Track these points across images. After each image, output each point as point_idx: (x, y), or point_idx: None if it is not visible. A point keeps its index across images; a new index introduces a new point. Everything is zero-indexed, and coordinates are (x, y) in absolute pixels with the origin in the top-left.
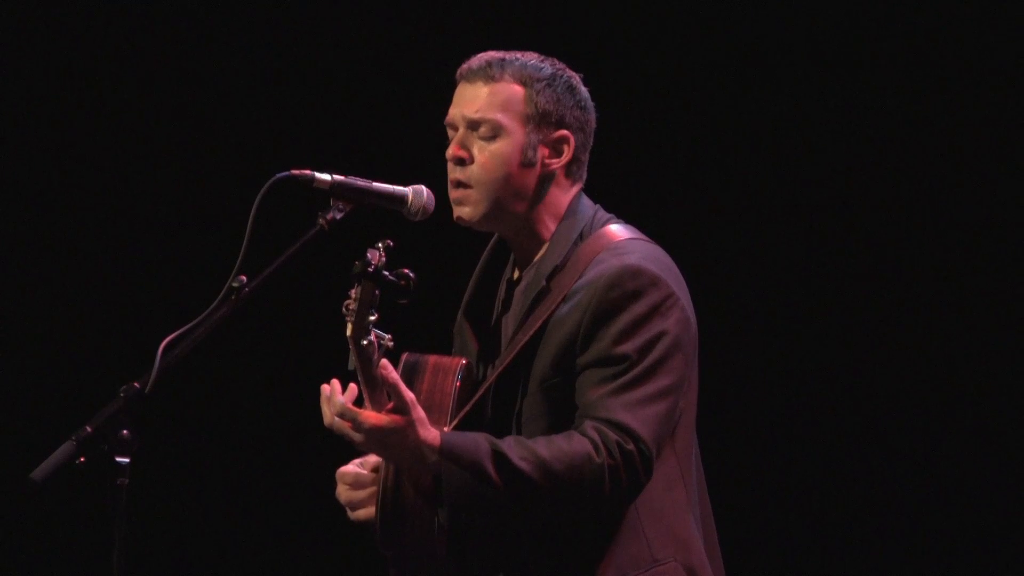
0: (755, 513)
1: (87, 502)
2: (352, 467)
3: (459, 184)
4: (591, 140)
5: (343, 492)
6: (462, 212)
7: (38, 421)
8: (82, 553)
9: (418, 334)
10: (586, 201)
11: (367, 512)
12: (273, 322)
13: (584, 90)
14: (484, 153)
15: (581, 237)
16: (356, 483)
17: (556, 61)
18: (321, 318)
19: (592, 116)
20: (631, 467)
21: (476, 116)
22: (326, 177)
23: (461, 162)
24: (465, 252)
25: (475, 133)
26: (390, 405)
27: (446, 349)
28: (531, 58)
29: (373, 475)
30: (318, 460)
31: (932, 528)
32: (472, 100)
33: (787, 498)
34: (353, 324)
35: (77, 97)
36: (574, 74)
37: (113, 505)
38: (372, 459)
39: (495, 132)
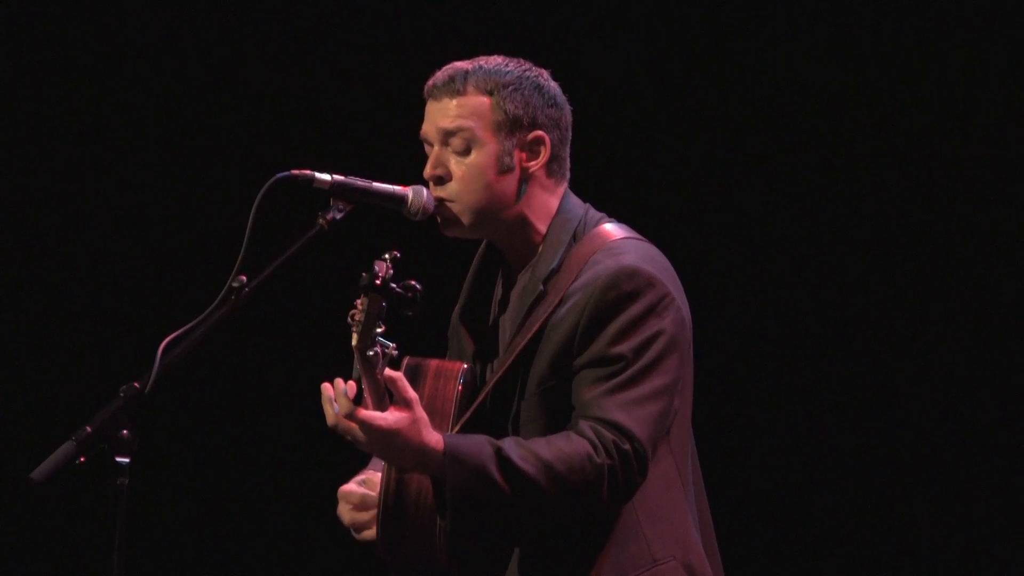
0: (752, 511)
1: (87, 502)
2: (357, 487)
3: (441, 201)
4: (569, 134)
5: (346, 513)
6: (448, 227)
7: (38, 421)
8: (82, 553)
9: (416, 336)
10: (574, 200)
11: (372, 533)
12: (273, 322)
13: (553, 86)
14: (460, 167)
15: (575, 238)
16: (361, 504)
17: (522, 61)
18: (321, 318)
19: (566, 111)
20: (627, 467)
21: (447, 129)
22: (326, 177)
23: (440, 180)
24: (461, 253)
25: (448, 148)
26: (393, 406)
27: (444, 351)
28: (494, 63)
29: (376, 498)
30: (318, 460)
31: (931, 528)
32: (441, 116)
33: (784, 496)
34: (359, 335)
35: (77, 98)
36: (541, 71)
37: (113, 505)
38: (375, 479)
39: (468, 145)
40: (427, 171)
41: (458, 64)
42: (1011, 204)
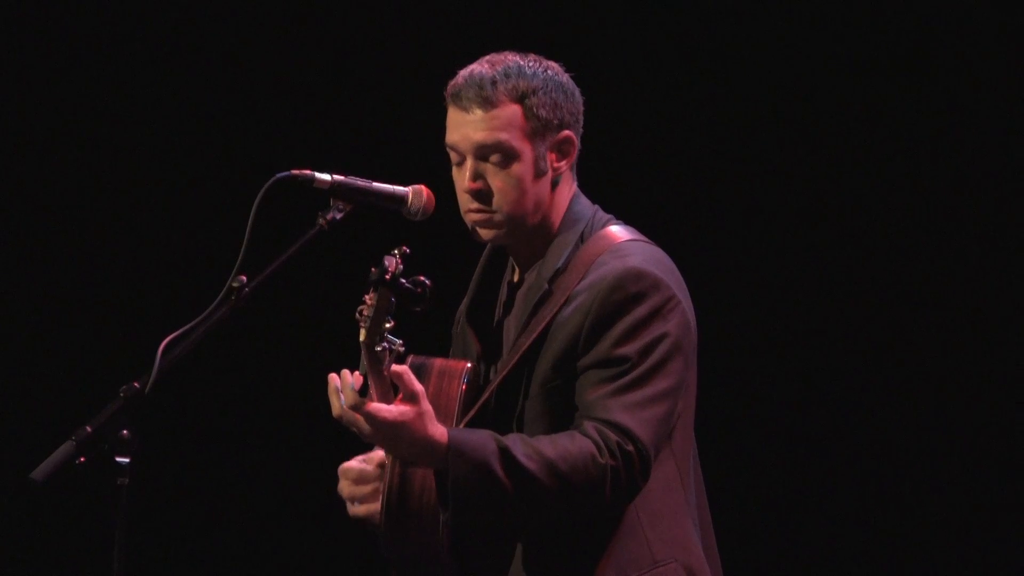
0: (753, 514)
1: (87, 502)
2: (356, 463)
3: (480, 211)
4: (582, 123)
5: (346, 487)
6: (485, 234)
7: (38, 421)
8: (82, 553)
9: (419, 335)
10: (584, 200)
11: (368, 508)
12: (273, 322)
13: (567, 78)
14: (498, 179)
15: (582, 239)
16: (360, 478)
17: (535, 57)
18: (321, 318)
19: (580, 100)
20: (630, 468)
21: (483, 143)
22: (326, 177)
23: (479, 193)
24: (460, 253)
25: (486, 162)
26: (399, 398)
27: (447, 351)
28: (514, 64)
29: (377, 471)
30: (318, 461)
31: (931, 528)
32: (474, 128)
33: (785, 499)
34: (368, 330)
35: (78, 97)
36: (554, 65)
37: (113, 505)
38: (376, 456)
39: (506, 157)
40: (466, 186)
41: (479, 70)
42: (1011, 204)
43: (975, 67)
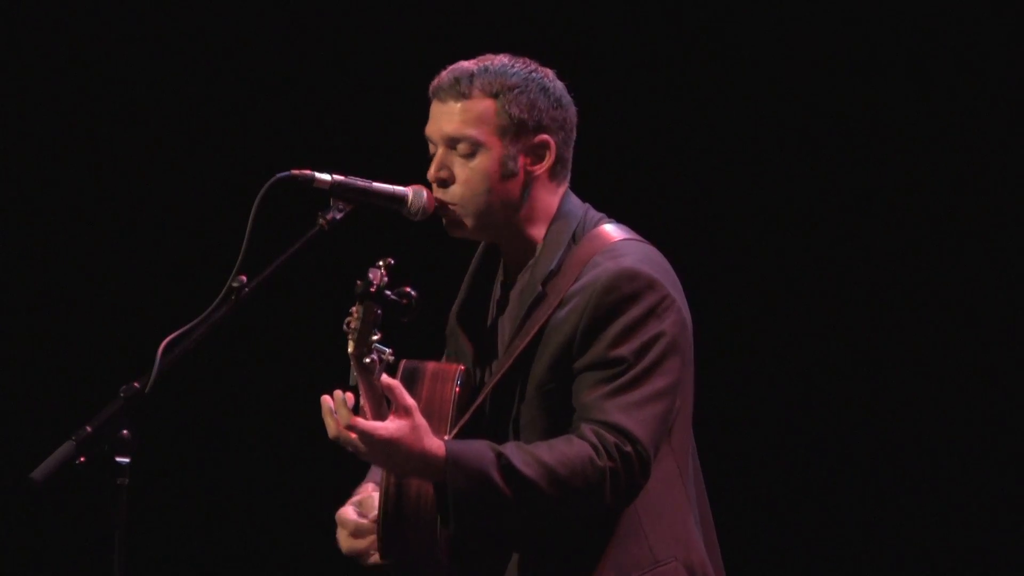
0: (754, 512)
1: (87, 502)
2: (352, 514)
3: (444, 203)
4: (573, 134)
5: (344, 540)
6: (452, 229)
7: (38, 421)
8: (82, 553)
9: (413, 338)
10: (575, 200)
11: (372, 560)
12: (273, 322)
13: (559, 86)
14: (464, 171)
15: (574, 239)
16: (357, 532)
17: (528, 61)
18: (321, 318)
19: (571, 111)
20: (630, 469)
21: (452, 135)
22: (326, 177)
23: (443, 183)
24: (462, 253)
25: (454, 152)
26: (392, 412)
27: (441, 354)
28: (500, 63)
29: (373, 524)
30: (318, 459)
31: (930, 528)
32: (447, 119)
33: (785, 497)
34: (355, 343)
35: (78, 97)
36: (547, 71)
37: (113, 505)
38: (370, 501)
39: (473, 149)
40: (431, 173)
41: (464, 64)
42: (1011, 204)
43: (975, 67)
